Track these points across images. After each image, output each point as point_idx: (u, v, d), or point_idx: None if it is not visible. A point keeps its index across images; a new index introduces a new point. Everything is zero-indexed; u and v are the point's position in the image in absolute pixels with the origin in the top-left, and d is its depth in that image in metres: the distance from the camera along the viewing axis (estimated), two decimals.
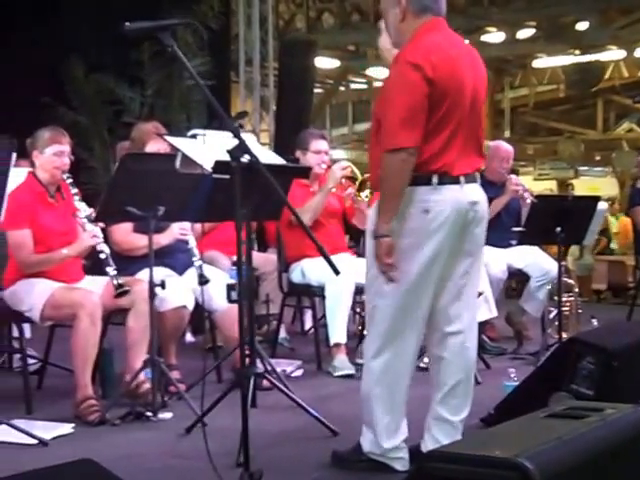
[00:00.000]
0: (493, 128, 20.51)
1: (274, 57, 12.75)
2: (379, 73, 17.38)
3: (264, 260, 7.05)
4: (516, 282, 7.73)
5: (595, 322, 6.41)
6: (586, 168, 25.90)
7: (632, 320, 8.09)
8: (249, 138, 4.99)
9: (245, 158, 3.49)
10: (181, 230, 5.61)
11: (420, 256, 3.76)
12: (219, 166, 4.17)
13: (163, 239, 5.57)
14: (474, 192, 3.89)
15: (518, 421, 2.80)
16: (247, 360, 4.46)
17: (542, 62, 18.26)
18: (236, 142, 3.52)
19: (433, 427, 3.95)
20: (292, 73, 12.93)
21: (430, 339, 3.98)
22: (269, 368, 5.16)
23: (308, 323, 7.84)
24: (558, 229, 6.09)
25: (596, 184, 21.64)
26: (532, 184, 21.82)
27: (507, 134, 20.93)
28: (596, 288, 15.22)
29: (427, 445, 3.90)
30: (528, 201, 6.71)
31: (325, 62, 18.07)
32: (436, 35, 3.83)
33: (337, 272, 3.43)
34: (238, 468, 3.43)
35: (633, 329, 4.67)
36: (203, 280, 5.22)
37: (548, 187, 22.13)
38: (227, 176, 3.70)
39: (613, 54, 17.02)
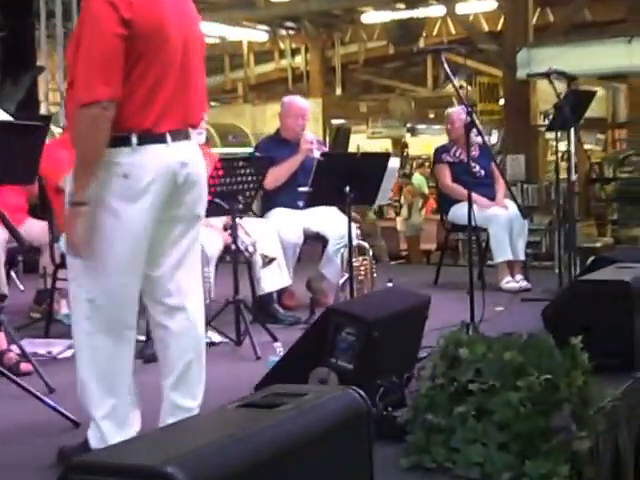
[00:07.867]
0: (324, 85, 20.19)
1: (78, 11, 12.04)
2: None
3: (42, 230, 6.52)
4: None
5: (391, 285, 6.03)
6: (424, 126, 25.85)
7: (436, 283, 7.90)
8: None
9: None
10: None
11: (121, 226, 3.30)
12: None
13: None
14: (185, 152, 3.44)
15: (207, 415, 2.40)
16: None
17: (370, 17, 17.90)
18: None
19: (169, 417, 3.50)
20: None
21: (152, 314, 3.55)
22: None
23: None
24: (347, 189, 5.71)
25: (432, 141, 21.58)
26: (366, 143, 21.65)
27: (339, 92, 20.62)
28: (425, 248, 15.08)
29: None
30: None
31: None
32: None
33: None
34: None
35: (397, 297, 4.30)
36: None
37: (384, 146, 22.00)
38: None
39: (433, 10, 16.80)
